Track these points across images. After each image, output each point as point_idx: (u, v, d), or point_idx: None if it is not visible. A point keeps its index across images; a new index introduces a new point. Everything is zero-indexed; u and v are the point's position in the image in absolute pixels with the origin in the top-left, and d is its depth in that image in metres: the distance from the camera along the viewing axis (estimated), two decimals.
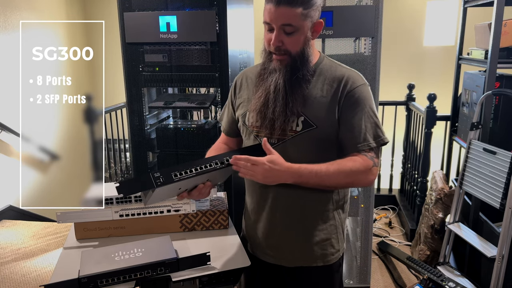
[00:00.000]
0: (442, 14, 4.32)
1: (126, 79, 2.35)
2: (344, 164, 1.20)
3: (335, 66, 1.29)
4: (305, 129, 1.23)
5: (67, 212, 1.37)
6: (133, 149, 2.44)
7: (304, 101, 1.23)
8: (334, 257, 1.34)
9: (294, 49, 1.20)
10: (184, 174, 1.12)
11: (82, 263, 1.17)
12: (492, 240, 2.10)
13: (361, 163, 1.20)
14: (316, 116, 1.22)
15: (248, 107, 1.32)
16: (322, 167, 1.18)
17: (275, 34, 1.18)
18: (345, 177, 1.20)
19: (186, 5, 2.24)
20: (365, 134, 1.21)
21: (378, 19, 2.04)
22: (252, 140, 1.32)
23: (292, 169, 1.16)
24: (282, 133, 1.24)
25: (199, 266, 1.19)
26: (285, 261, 1.34)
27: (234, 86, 1.43)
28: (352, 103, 1.22)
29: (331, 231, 1.32)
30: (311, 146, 1.24)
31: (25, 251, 3.00)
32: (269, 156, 1.15)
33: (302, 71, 1.22)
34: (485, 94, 2.20)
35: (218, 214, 1.47)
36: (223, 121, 1.49)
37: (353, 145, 1.22)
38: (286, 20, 1.15)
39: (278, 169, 1.15)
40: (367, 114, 1.22)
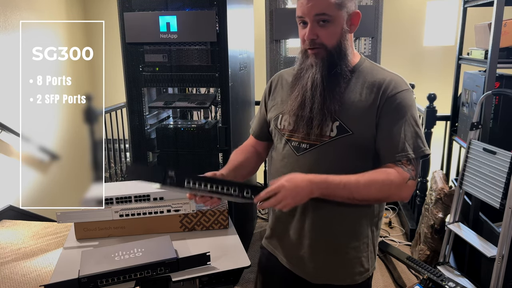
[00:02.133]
0: (442, 14, 4.33)
1: (126, 79, 2.35)
2: (376, 176, 1.10)
3: (377, 69, 1.20)
4: (340, 135, 1.14)
5: (67, 212, 1.37)
6: (133, 149, 2.44)
7: (341, 104, 1.14)
8: (363, 277, 1.25)
9: (330, 42, 1.13)
10: (197, 186, 1.08)
11: (82, 263, 1.17)
12: (492, 240, 2.10)
13: (396, 175, 1.10)
14: (352, 122, 1.14)
15: (282, 109, 1.25)
16: (351, 179, 1.09)
17: (309, 27, 1.12)
18: (377, 190, 1.10)
19: (186, 5, 2.24)
20: (404, 143, 1.12)
21: (378, 19, 2.04)
22: (283, 145, 1.24)
23: (316, 180, 1.08)
24: (317, 137, 1.16)
25: (199, 266, 1.19)
26: (309, 276, 1.25)
27: (269, 87, 1.35)
28: (392, 109, 1.13)
29: (363, 249, 1.24)
30: (346, 153, 1.15)
31: (25, 251, 3.00)
32: (284, 177, 1.07)
33: (340, 66, 1.15)
34: (485, 94, 2.20)
35: (218, 214, 1.47)
36: (254, 123, 1.42)
37: (391, 155, 1.13)
38: (320, 10, 1.10)
39: (301, 184, 1.06)
40: (408, 122, 1.13)
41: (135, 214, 1.42)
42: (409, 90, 1.16)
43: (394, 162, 1.13)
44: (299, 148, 1.20)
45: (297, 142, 1.20)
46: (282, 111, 1.25)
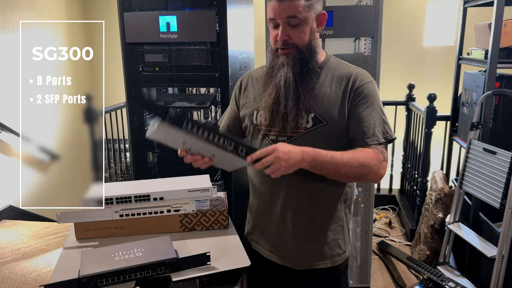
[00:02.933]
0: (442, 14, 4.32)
1: (126, 79, 2.35)
2: (357, 154, 1.18)
3: (342, 64, 1.31)
4: (315, 126, 1.23)
5: (67, 212, 1.37)
6: (133, 149, 2.44)
7: (314, 98, 1.24)
8: (341, 258, 1.34)
9: (301, 42, 1.21)
10: (195, 130, 1.07)
11: (82, 263, 1.17)
12: (492, 240, 2.10)
13: (373, 155, 1.19)
14: (326, 113, 1.23)
15: (256, 106, 1.32)
16: (337, 153, 1.16)
17: (282, 28, 1.19)
18: (359, 166, 1.17)
19: (186, 5, 2.24)
20: (374, 129, 1.22)
21: (378, 19, 2.04)
22: (260, 140, 1.31)
23: (307, 150, 1.13)
24: (293, 130, 1.24)
25: (199, 266, 1.19)
26: (295, 264, 1.33)
27: (239, 86, 1.42)
28: (361, 99, 1.23)
29: (339, 231, 1.33)
30: (322, 143, 1.23)
31: (25, 251, 3.00)
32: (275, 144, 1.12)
33: (311, 63, 1.23)
34: (485, 94, 2.20)
35: (218, 214, 1.46)
36: (223, 121, 1.48)
37: (362, 140, 1.22)
38: (291, 12, 1.17)
39: (293, 150, 1.11)
40: (375, 110, 1.23)
41: (135, 214, 1.42)
42: (373, 81, 1.27)
43: (367, 145, 1.21)
44: (277, 141, 1.26)
45: (274, 136, 1.27)
46: (257, 107, 1.31)
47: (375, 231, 3.21)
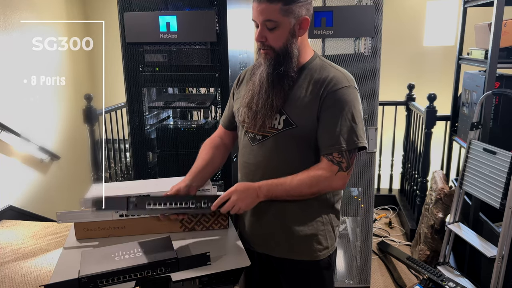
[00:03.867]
0: (442, 14, 4.33)
1: (126, 79, 2.35)
2: (306, 175, 1.23)
3: (324, 66, 1.30)
4: (285, 128, 1.25)
5: (67, 212, 1.37)
6: (133, 149, 2.44)
7: (287, 100, 1.26)
8: (322, 254, 1.35)
9: (277, 45, 1.23)
10: (157, 206, 1.20)
11: (82, 263, 1.17)
12: (492, 240, 2.10)
13: (324, 169, 1.23)
14: (297, 116, 1.25)
15: (241, 102, 1.36)
16: (286, 179, 1.23)
17: (258, 30, 1.23)
18: (308, 187, 1.23)
19: (186, 5, 2.24)
20: (339, 136, 1.22)
21: (378, 19, 2.04)
22: (243, 136, 1.36)
23: (261, 185, 1.24)
24: (264, 129, 1.28)
25: (199, 266, 1.19)
26: (272, 251, 1.37)
27: (237, 81, 1.47)
28: (331, 104, 1.23)
29: (318, 227, 1.33)
30: (291, 144, 1.27)
31: (25, 251, 3.00)
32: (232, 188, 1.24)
33: (284, 66, 1.24)
34: (485, 94, 2.20)
35: (218, 214, 1.46)
36: (224, 114, 1.53)
37: (325, 147, 1.24)
38: (267, 16, 1.19)
39: (248, 189, 1.23)
40: (344, 116, 1.23)
41: (135, 214, 1.42)
42: (350, 86, 1.26)
43: (327, 154, 1.24)
44: (254, 139, 1.32)
45: (252, 134, 1.33)
46: (241, 103, 1.37)
47: (375, 231, 3.21)
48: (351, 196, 2.27)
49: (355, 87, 1.27)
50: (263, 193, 1.24)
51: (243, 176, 1.39)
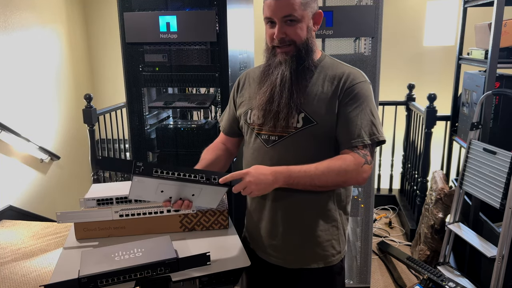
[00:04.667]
0: (442, 14, 4.33)
1: (126, 79, 2.35)
2: (333, 162, 1.19)
3: (336, 64, 1.30)
4: (305, 126, 1.23)
5: (67, 212, 1.37)
6: (133, 149, 2.44)
7: (305, 97, 1.23)
8: (336, 259, 1.34)
9: (299, 38, 1.21)
10: (165, 173, 1.12)
11: (82, 263, 1.17)
12: (492, 240, 2.10)
13: (352, 160, 1.19)
14: (316, 113, 1.23)
15: (251, 105, 1.32)
16: (311, 166, 1.18)
17: (278, 27, 1.19)
18: (336, 175, 1.18)
19: (186, 5, 2.24)
20: (360, 130, 1.21)
21: (378, 19, 2.04)
22: (253, 139, 1.32)
23: (279, 170, 1.16)
24: (284, 129, 1.24)
25: (199, 266, 1.19)
26: (286, 263, 1.33)
27: (237, 85, 1.43)
28: (350, 99, 1.22)
29: (333, 232, 1.32)
30: (311, 143, 1.24)
31: (25, 251, 3.00)
32: (248, 168, 1.16)
33: (307, 61, 1.23)
34: (485, 94, 2.20)
35: (218, 214, 1.46)
36: (223, 121, 1.50)
37: (347, 141, 1.22)
38: (287, 11, 1.17)
39: (265, 172, 1.15)
40: (364, 110, 1.22)
41: (135, 214, 1.42)
42: (367, 81, 1.26)
43: (351, 147, 1.21)
44: (269, 141, 1.28)
45: (266, 135, 1.28)
46: (251, 106, 1.32)
47: (375, 231, 3.21)
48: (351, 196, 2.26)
49: (370, 82, 1.27)
50: (282, 179, 1.16)
51: None
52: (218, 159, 1.41)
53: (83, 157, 4.55)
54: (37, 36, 4.16)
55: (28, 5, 4.03)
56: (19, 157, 3.92)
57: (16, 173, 3.88)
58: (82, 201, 1.42)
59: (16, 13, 3.86)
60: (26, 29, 4.01)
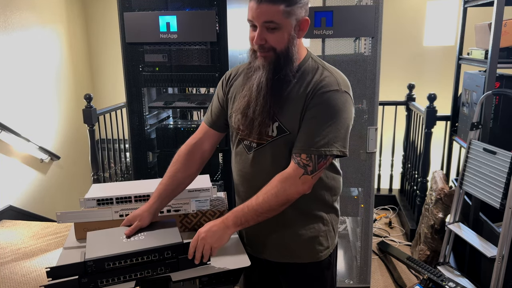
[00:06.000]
0: (442, 14, 4.33)
1: (126, 79, 2.35)
2: (270, 186, 1.19)
3: (317, 68, 1.24)
4: (279, 135, 1.23)
5: (67, 212, 1.37)
6: (133, 149, 2.44)
7: (280, 106, 1.21)
8: (323, 254, 1.34)
9: (279, 46, 1.17)
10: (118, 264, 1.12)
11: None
12: (492, 240, 2.10)
13: (288, 174, 1.18)
14: (289, 122, 1.21)
15: (235, 107, 1.30)
16: (252, 200, 1.19)
17: (258, 32, 1.16)
18: (275, 197, 1.17)
19: (186, 5, 2.24)
20: (312, 139, 1.17)
21: (378, 19, 2.04)
22: (237, 142, 1.33)
23: (226, 216, 1.19)
24: (260, 136, 1.24)
25: (199, 266, 1.19)
26: (272, 256, 1.35)
27: (227, 78, 1.39)
28: (314, 106, 1.18)
29: (319, 228, 1.32)
30: (286, 151, 1.23)
31: (25, 251, 3.00)
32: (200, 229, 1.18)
33: (284, 70, 1.19)
34: (485, 94, 2.20)
35: (218, 214, 1.46)
36: (211, 113, 1.43)
37: (297, 146, 1.20)
38: (268, 17, 1.13)
39: (214, 226, 1.17)
40: (324, 120, 1.17)
41: None
42: (340, 90, 1.19)
43: (295, 152, 1.19)
44: (250, 147, 1.29)
45: (248, 141, 1.29)
46: (235, 109, 1.30)
47: (375, 231, 3.21)
48: (351, 196, 2.27)
49: (346, 91, 1.20)
50: (231, 222, 1.18)
51: (240, 184, 1.36)
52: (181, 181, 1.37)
53: (83, 157, 4.55)
54: (37, 36, 4.16)
55: (28, 5, 4.03)
56: (19, 157, 3.92)
57: (16, 173, 3.88)
58: (82, 201, 1.42)
59: (16, 13, 3.86)
60: (26, 29, 4.01)
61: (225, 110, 1.38)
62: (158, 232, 1.25)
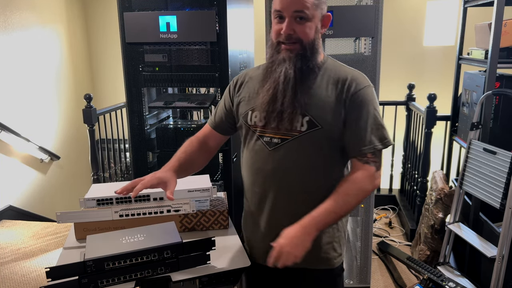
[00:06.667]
0: (442, 14, 4.33)
1: (126, 79, 2.35)
2: (349, 188, 1.19)
3: (339, 66, 1.28)
4: (310, 129, 1.20)
5: (67, 212, 1.37)
6: (133, 149, 2.44)
7: (310, 99, 1.20)
8: (337, 261, 1.33)
9: (306, 38, 1.18)
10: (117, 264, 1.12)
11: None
12: (492, 240, 2.10)
13: (363, 175, 1.19)
14: (321, 117, 1.20)
15: (251, 106, 1.28)
16: (329, 203, 1.17)
17: (287, 22, 1.16)
18: (355, 197, 1.19)
19: (186, 5, 2.24)
20: (371, 136, 1.20)
21: (378, 19, 2.04)
22: (254, 141, 1.28)
23: (305, 223, 1.14)
24: (287, 131, 1.21)
25: (199, 266, 1.19)
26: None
27: (235, 83, 1.38)
28: (357, 105, 1.20)
29: (333, 234, 1.31)
30: (314, 147, 1.22)
31: (25, 251, 3.00)
32: (279, 237, 1.13)
33: (311, 62, 1.20)
34: (485, 94, 2.20)
35: (218, 214, 1.47)
36: (216, 116, 1.43)
37: (358, 148, 1.21)
38: (299, 7, 1.14)
39: (295, 234, 1.12)
40: (372, 116, 1.21)
41: (135, 214, 1.42)
42: (370, 85, 1.24)
43: (360, 155, 1.21)
44: (271, 143, 1.24)
45: (269, 137, 1.25)
46: (252, 107, 1.28)
47: (375, 231, 3.21)
48: None
49: (373, 86, 1.26)
50: (315, 228, 1.14)
51: (257, 184, 1.30)
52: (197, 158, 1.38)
53: (83, 157, 4.55)
54: (37, 36, 4.16)
55: (28, 5, 4.03)
56: (19, 157, 3.92)
57: (16, 173, 3.88)
58: (82, 201, 1.42)
59: (16, 13, 3.86)
60: (26, 29, 4.00)
61: (232, 114, 1.37)
62: (158, 232, 1.25)
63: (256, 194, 1.31)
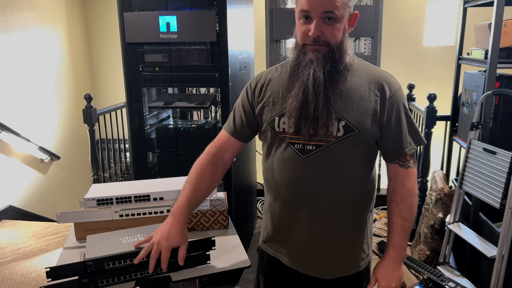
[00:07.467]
0: (442, 14, 4.33)
1: (126, 79, 2.35)
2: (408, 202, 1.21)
3: (367, 66, 1.24)
4: (347, 134, 1.14)
5: (67, 212, 1.37)
6: (133, 149, 2.44)
7: (343, 102, 1.14)
8: (364, 262, 1.30)
9: (334, 40, 1.12)
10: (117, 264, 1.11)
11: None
12: (492, 240, 2.10)
13: (414, 182, 1.22)
14: (357, 120, 1.15)
15: (278, 111, 1.20)
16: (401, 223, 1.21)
17: (315, 23, 1.09)
18: (415, 205, 1.23)
19: (186, 5, 2.24)
20: (409, 138, 1.21)
21: (378, 19, 2.04)
22: (283, 149, 1.21)
23: (395, 254, 1.22)
24: (322, 137, 1.15)
25: (199, 265, 1.19)
26: (320, 273, 1.27)
27: (253, 88, 1.28)
28: (394, 109, 1.18)
29: (363, 235, 1.28)
30: (352, 152, 1.17)
31: (25, 251, 3.00)
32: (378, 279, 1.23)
33: (340, 64, 1.14)
34: (485, 94, 2.20)
35: (218, 214, 1.46)
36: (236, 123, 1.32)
37: (400, 152, 1.21)
38: (329, 7, 1.08)
39: (393, 268, 1.23)
40: (408, 118, 1.21)
41: (135, 214, 1.42)
42: (401, 86, 1.24)
43: (401, 159, 1.22)
44: (304, 150, 1.17)
45: (300, 144, 1.17)
46: (279, 113, 1.20)
47: (375, 231, 3.21)
48: None
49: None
50: (400, 256, 1.23)
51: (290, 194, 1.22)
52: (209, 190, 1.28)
53: (83, 157, 4.55)
54: (37, 36, 4.16)
55: (28, 5, 4.03)
56: (19, 157, 3.92)
57: (16, 173, 3.88)
58: (82, 201, 1.42)
59: (16, 13, 3.86)
60: (26, 29, 4.01)
61: (253, 120, 1.28)
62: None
63: (289, 203, 1.24)
